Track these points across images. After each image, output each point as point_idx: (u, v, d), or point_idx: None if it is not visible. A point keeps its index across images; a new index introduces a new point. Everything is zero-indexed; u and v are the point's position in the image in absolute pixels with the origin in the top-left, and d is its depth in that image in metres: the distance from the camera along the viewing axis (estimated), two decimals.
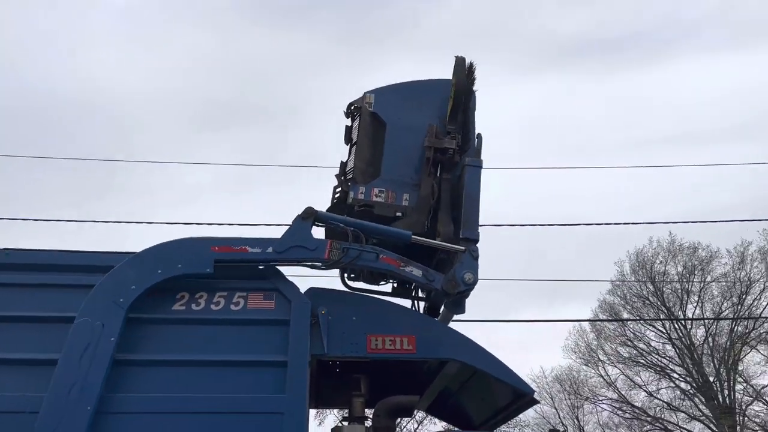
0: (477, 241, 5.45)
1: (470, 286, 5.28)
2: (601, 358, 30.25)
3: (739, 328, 27.64)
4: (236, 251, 5.18)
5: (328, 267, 5.41)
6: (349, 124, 6.37)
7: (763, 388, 26.61)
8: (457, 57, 6.29)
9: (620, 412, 29.68)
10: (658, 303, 29.59)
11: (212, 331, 5.02)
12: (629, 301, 30.48)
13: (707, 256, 29.25)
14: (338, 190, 6.03)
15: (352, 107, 6.31)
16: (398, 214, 5.74)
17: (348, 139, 6.35)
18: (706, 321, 28.03)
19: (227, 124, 60.26)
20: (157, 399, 4.73)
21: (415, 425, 26.99)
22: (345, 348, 5.13)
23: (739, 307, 28.05)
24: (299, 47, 59.33)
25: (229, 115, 59.43)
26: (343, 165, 6.25)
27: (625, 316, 29.92)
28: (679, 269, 29.55)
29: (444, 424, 6.96)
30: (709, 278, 28.91)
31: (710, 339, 28.15)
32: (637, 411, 29.07)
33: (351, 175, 5.98)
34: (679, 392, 28.78)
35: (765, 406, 26.09)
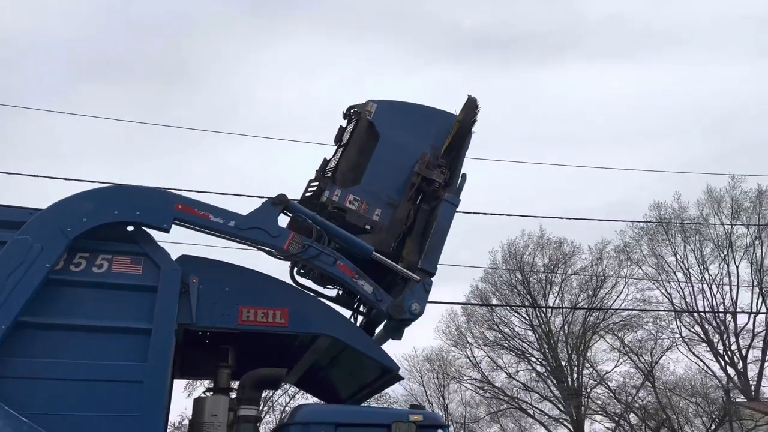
0: (433, 274, 5.65)
1: (415, 316, 5.46)
2: (469, 340, 31.96)
3: (591, 318, 30.33)
4: (198, 215, 5.12)
5: (284, 258, 5.41)
6: (344, 125, 6.39)
7: (606, 373, 29.48)
8: (470, 96, 6.49)
9: (482, 391, 31.61)
10: (524, 291, 31.71)
11: (70, 294, 4.73)
12: (499, 288, 32.37)
13: (570, 250, 31.73)
14: (314, 184, 6.03)
15: (352, 110, 6.33)
16: (367, 227, 5.82)
17: (338, 139, 6.39)
18: (564, 310, 30.48)
19: (113, 77, 56.03)
20: (12, 363, 4.41)
21: (287, 399, 27.07)
22: (215, 318, 5.04)
23: (593, 299, 30.77)
24: (204, 8, 56.22)
25: (117, 68, 55.26)
26: (326, 162, 6.29)
27: (494, 302, 31.81)
28: (545, 261, 31.84)
29: (314, 399, 7.04)
30: (570, 271, 31.42)
31: (566, 327, 30.65)
32: (496, 390, 31.08)
33: (330, 174, 5.98)
34: (534, 374, 31.14)
35: (606, 390, 28.95)
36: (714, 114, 53.13)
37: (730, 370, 35.85)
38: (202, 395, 5.53)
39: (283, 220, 5.54)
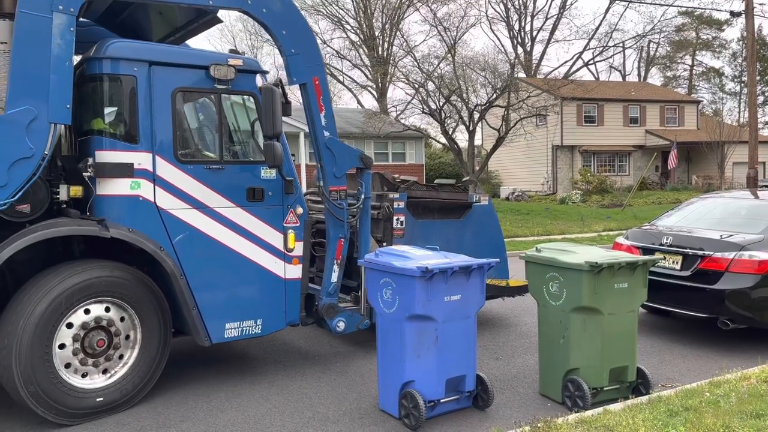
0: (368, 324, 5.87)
1: (334, 331, 5.65)
2: None
3: None
4: (318, 102, 5.34)
5: (321, 192, 5.53)
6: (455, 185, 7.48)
7: (416, 45, 31.01)
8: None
9: None
10: None
11: None
12: None
13: None
14: (403, 182, 6.86)
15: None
16: (384, 245, 6.23)
17: (440, 184, 7.34)
18: None
19: None
20: None
21: None
22: None
23: None
24: None
25: None
26: (416, 182, 7.05)
27: None
28: None
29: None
30: None
31: None
32: None
33: (413, 190, 6.70)
34: (348, 42, 31.75)
35: (412, 60, 30.89)
36: None
37: (519, 50, 39.99)
38: None
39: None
